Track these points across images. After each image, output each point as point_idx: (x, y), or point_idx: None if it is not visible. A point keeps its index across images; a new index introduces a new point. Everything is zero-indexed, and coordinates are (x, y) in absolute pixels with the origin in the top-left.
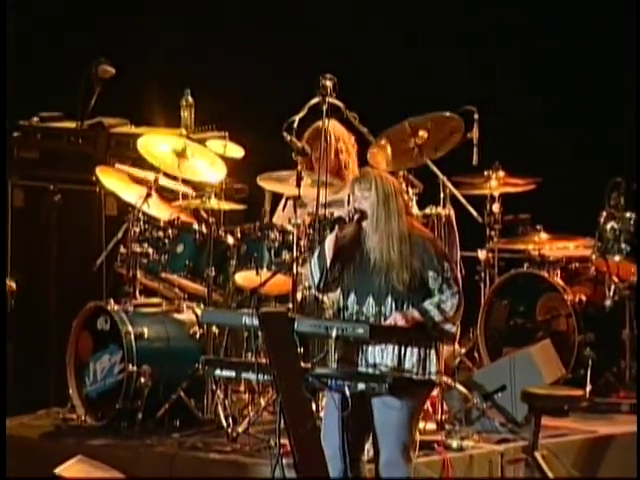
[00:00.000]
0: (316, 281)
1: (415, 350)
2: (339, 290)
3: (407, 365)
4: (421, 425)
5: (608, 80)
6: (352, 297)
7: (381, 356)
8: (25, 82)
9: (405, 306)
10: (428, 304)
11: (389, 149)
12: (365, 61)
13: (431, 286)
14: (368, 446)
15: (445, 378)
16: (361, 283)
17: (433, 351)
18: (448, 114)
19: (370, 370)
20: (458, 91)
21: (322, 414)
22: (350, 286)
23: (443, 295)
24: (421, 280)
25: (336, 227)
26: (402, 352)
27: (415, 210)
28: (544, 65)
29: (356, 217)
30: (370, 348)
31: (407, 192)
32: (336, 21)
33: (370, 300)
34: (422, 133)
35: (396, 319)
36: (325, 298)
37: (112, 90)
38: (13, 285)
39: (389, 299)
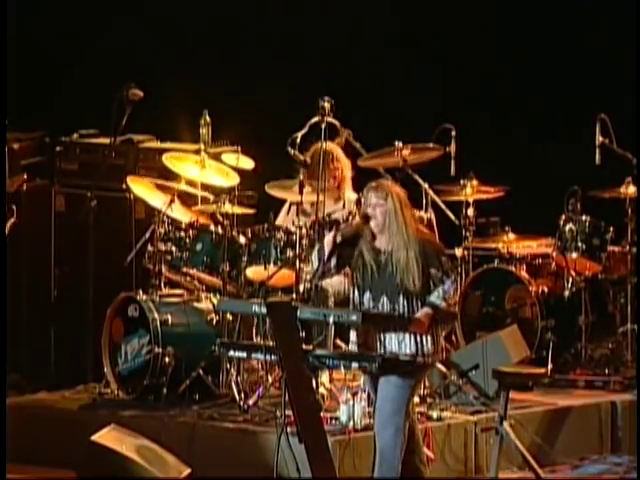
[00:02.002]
0: (314, 269)
1: (429, 338)
2: (353, 287)
3: (425, 350)
4: None
5: (569, 102)
6: (367, 295)
7: (398, 346)
8: (67, 104)
9: (414, 302)
10: (435, 298)
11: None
12: (359, 86)
13: (433, 279)
14: None
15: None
16: (375, 283)
17: (431, 338)
18: (431, 145)
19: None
20: (438, 110)
21: (321, 389)
22: (365, 286)
23: (445, 285)
24: (424, 276)
25: (334, 227)
26: (418, 341)
27: None
28: (514, 90)
29: (360, 220)
30: (388, 339)
31: None
32: (334, 50)
33: (384, 299)
34: (406, 152)
35: (422, 321)
36: (329, 288)
37: (140, 110)
38: None
39: (401, 298)
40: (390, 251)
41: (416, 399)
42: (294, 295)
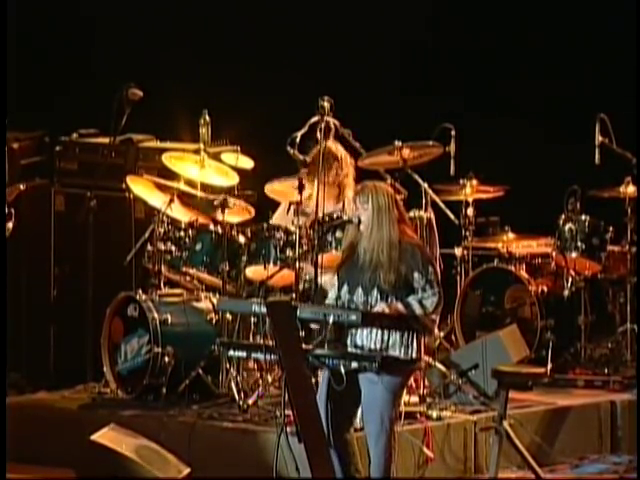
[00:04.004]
0: (333, 297)
1: (398, 335)
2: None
3: (390, 348)
4: (406, 398)
5: (568, 102)
6: (345, 287)
7: (368, 339)
8: (67, 104)
9: (388, 298)
10: (412, 299)
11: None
12: (359, 86)
13: (415, 285)
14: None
15: (426, 358)
16: (353, 276)
17: (414, 336)
18: (431, 142)
19: (357, 351)
20: (438, 110)
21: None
22: (344, 278)
23: (425, 293)
24: (406, 280)
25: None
26: (386, 336)
27: None
28: (514, 90)
29: (354, 223)
30: (359, 332)
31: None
32: (334, 50)
33: (359, 291)
34: (405, 150)
35: (382, 308)
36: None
37: (140, 110)
38: None
39: (375, 291)
40: (369, 248)
41: (415, 398)
42: (293, 295)
